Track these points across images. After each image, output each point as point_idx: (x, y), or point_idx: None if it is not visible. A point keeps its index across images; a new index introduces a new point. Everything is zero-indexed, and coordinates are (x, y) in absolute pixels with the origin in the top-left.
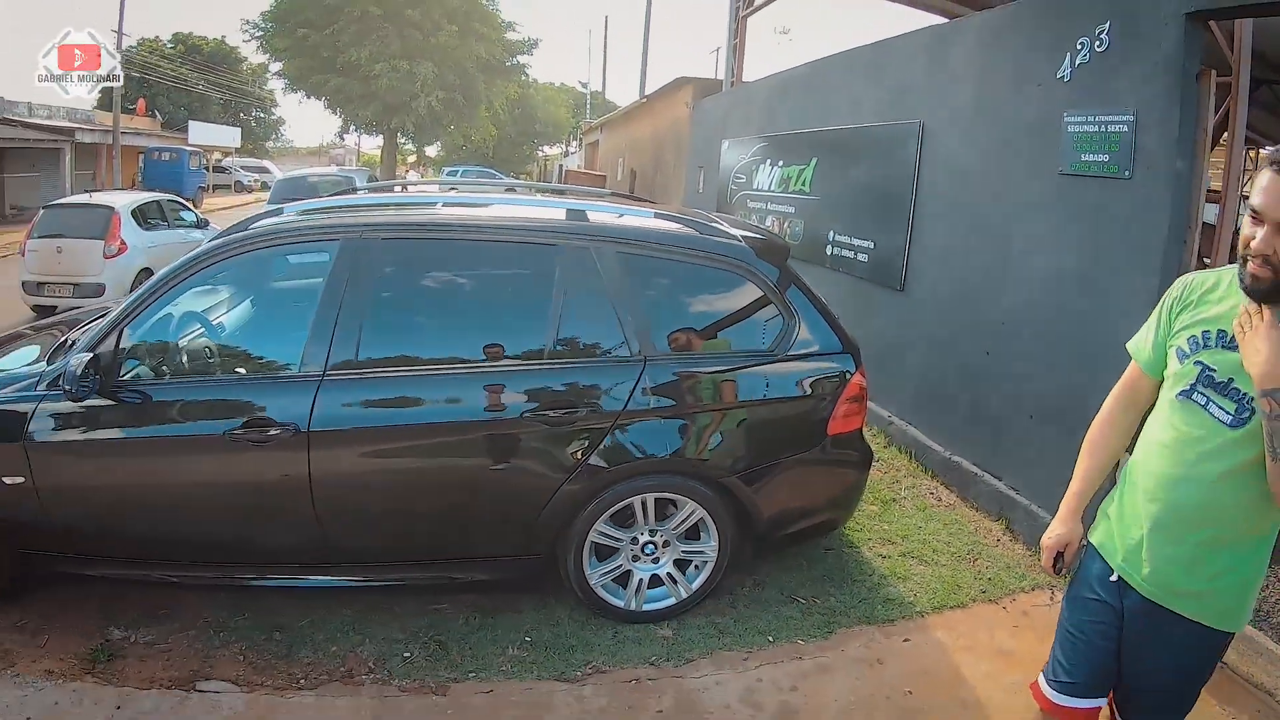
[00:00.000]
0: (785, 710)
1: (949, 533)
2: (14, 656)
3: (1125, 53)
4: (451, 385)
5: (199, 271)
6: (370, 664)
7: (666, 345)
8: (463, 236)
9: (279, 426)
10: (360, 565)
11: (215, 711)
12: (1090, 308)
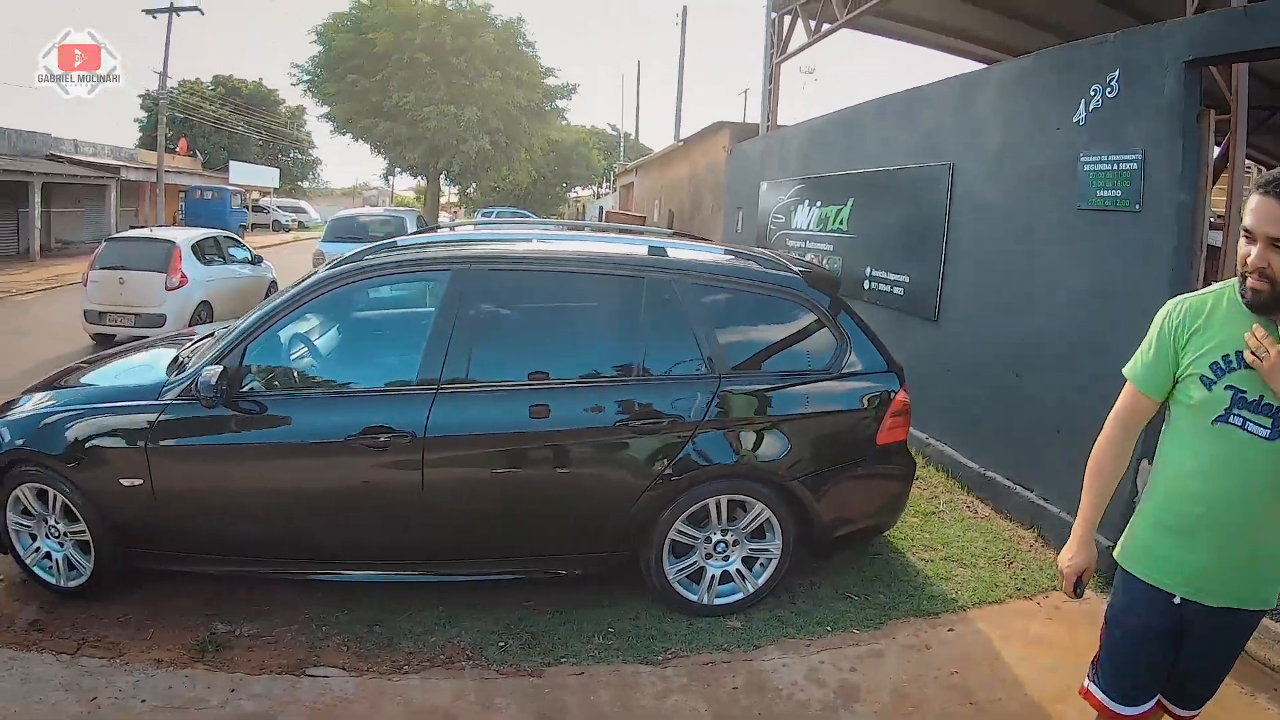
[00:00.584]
0: (846, 687)
1: (985, 540)
2: (122, 648)
3: (1132, 98)
4: (551, 398)
5: (320, 296)
6: (468, 652)
7: (737, 364)
8: (558, 268)
9: (397, 433)
10: (461, 561)
11: (327, 693)
12: (1108, 330)
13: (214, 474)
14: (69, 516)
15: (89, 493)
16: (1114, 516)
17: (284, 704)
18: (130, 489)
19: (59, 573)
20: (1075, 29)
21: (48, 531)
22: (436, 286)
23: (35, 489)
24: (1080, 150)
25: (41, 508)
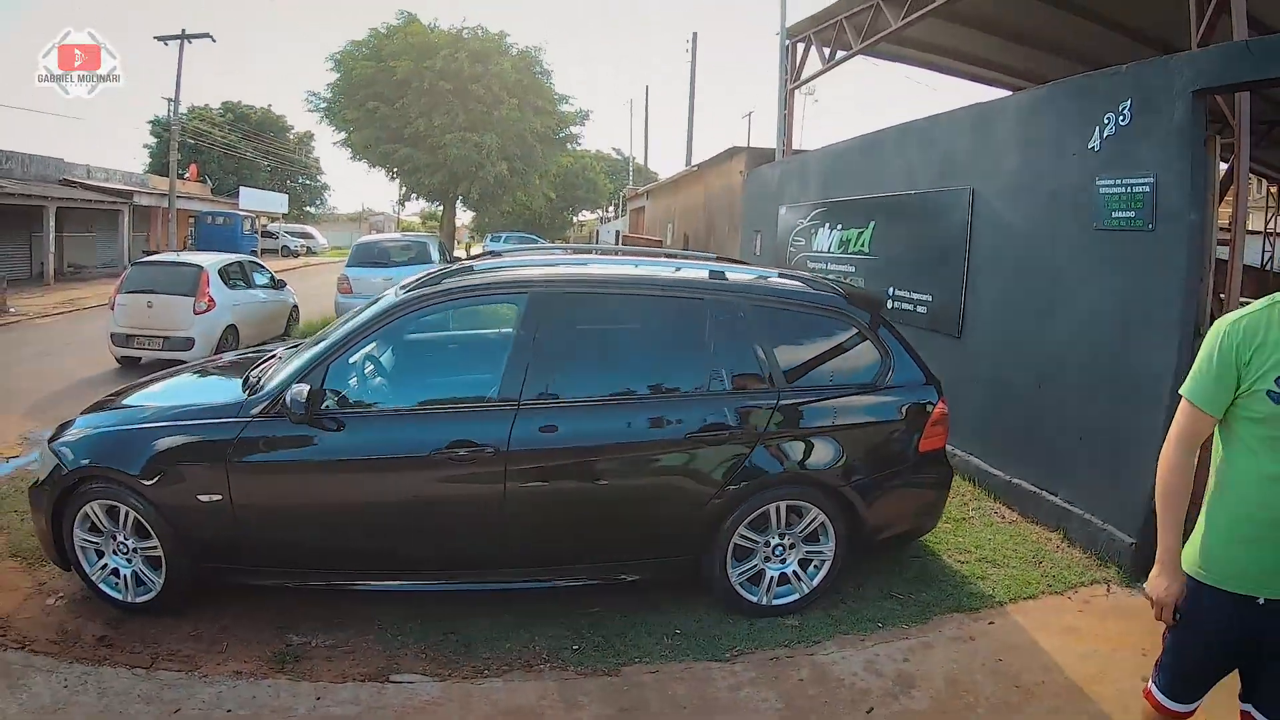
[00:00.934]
0: (902, 675)
1: (1015, 542)
2: (197, 661)
3: (1144, 125)
4: (626, 412)
5: (401, 317)
6: (544, 655)
7: (793, 379)
8: (628, 290)
9: (481, 448)
10: (539, 569)
11: (414, 698)
12: (1126, 341)
13: (296, 489)
14: (140, 533)
15: (164, 508)
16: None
17: (372, 709)
18: (208, 504)
19: (126, 589)
20: (1085, 53)
21: (115, 548)
22: (513, 309)
23: (105, 505)
24: (1096, 174)
25: (111, 524)
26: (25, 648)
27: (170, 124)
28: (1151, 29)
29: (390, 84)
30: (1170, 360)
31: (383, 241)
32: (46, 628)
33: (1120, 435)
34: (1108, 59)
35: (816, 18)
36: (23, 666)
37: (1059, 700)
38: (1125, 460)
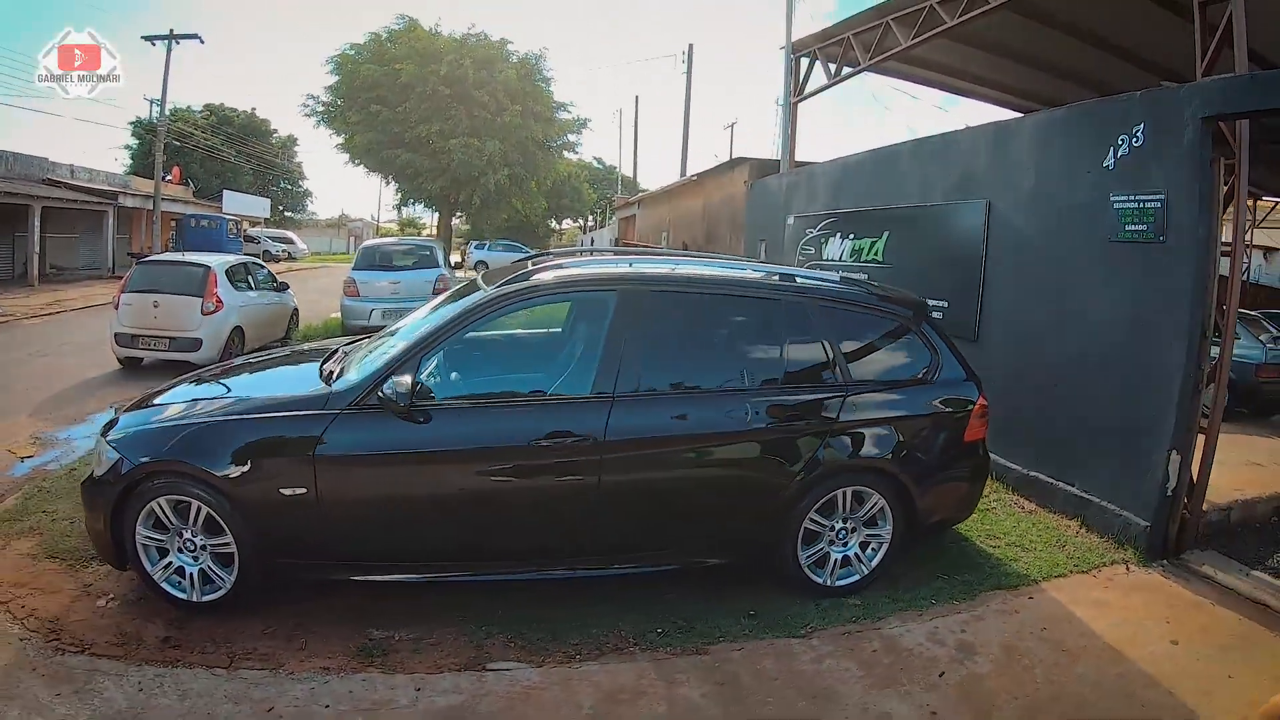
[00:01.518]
0: (962, 643)
1: (1038, 530)
2: (278, 658)
3: (1156, 147)
4: (711, 404)
5: (497, 312)
6: (631, 640)
7: (857, 374)
8: (709, 290)
9: (580, 437)
10: (628, 555)
11: (516, 684)
12: (1137, 343)
13: (388, 481)
14: (210, 529)
15: (242, 503)
16: (1148, 497)
17: (478, 696)
18: (292, 498)
19: (192, 588)
20: (1088, 76)
21: (181, 545)
22: (602, 305)
23: (174, 501)
24: (1110, 190)
25: (179, 521)
26: (85, 651)
27: (157, 125)
28: (1155, 56)
29: (394, 88)
30: (1180, 360)
31: (389, 245)
32: (103, 630)
33: (1134, 430)
34: (1113, 83)
35: (823, 34)
36: (87, 671)
37: (1101, 660)
38: (1139, 452)
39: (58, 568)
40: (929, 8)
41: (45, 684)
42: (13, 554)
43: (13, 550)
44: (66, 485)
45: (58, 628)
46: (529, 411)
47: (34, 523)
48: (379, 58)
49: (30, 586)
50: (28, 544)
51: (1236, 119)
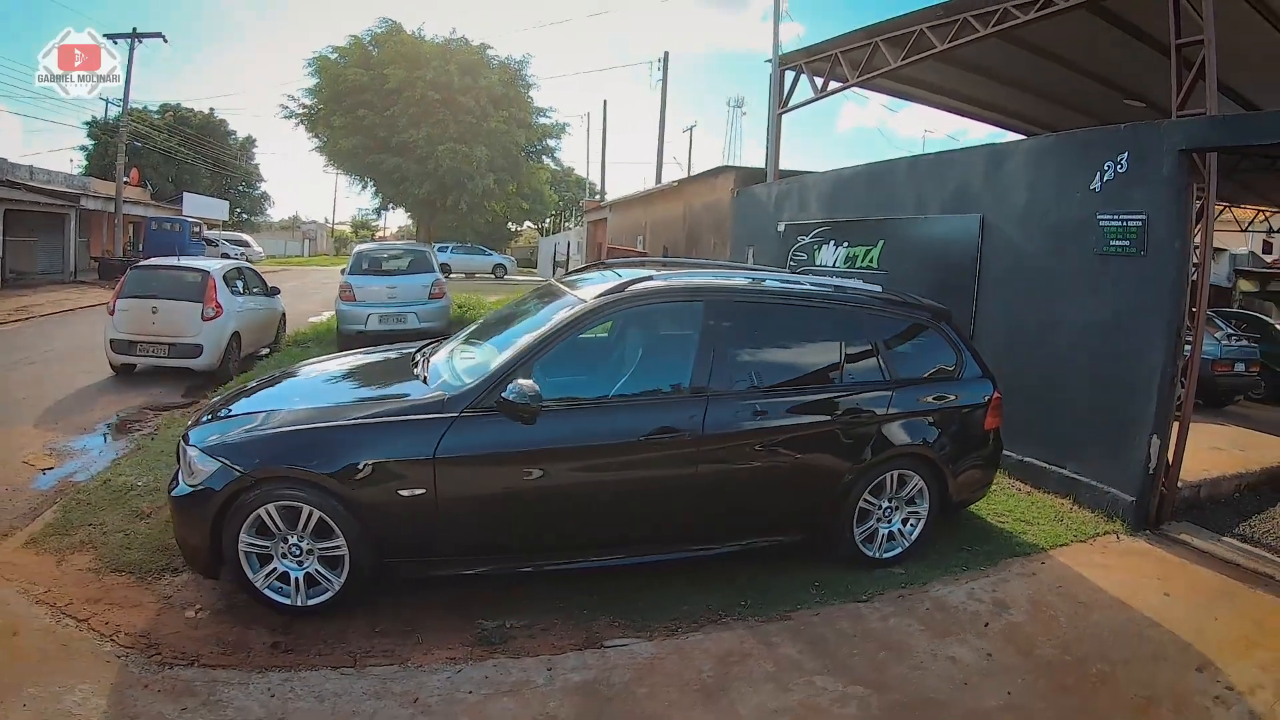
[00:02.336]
0: (997, 600)
1: (1037, 508)
2: (400, 654)
3: (1139, 173)
4: (789, 400)
5: (601, 319)
6: (720, 613)
7: (901, 371)
8: (778, 300)
9: (681, 433)
10: (715, 538)
11: (637, 656)
12: (1121, 343)
13: (500, 478)
14: (320, 533)
15: (359, 506)
16: (1133, 476)
17: (606, 670)
18: (410, 499)
19: (297, 592)
20: (1070, 99)
21: (286, 551)
22: (693, 314)
23: (283, 507)
24: (1097, 210)
25: (286, 527)
26: (194, 663)
27: (120, 126)
28: (1134, 85)
29: (380, 92)
30: (1160, 357)
31: (383, 250)
32: (203, 640)
33: (1119, 418)
34: (1094, 107)
35: (809, 50)
36: (207, 682)
37: (1110, 609)
38: (1124, 437)
39: (127, 581)
40: (919, 32)
41: (166, 699)
42: (73, 569)
43: (71, 565)
44: (106, 497)
45: (153, 642)
46: (636, 410)
47: (84, 536)
48: (363, 61)
49: (105, 602)
50: (85, 558)
51: (1208, 152)
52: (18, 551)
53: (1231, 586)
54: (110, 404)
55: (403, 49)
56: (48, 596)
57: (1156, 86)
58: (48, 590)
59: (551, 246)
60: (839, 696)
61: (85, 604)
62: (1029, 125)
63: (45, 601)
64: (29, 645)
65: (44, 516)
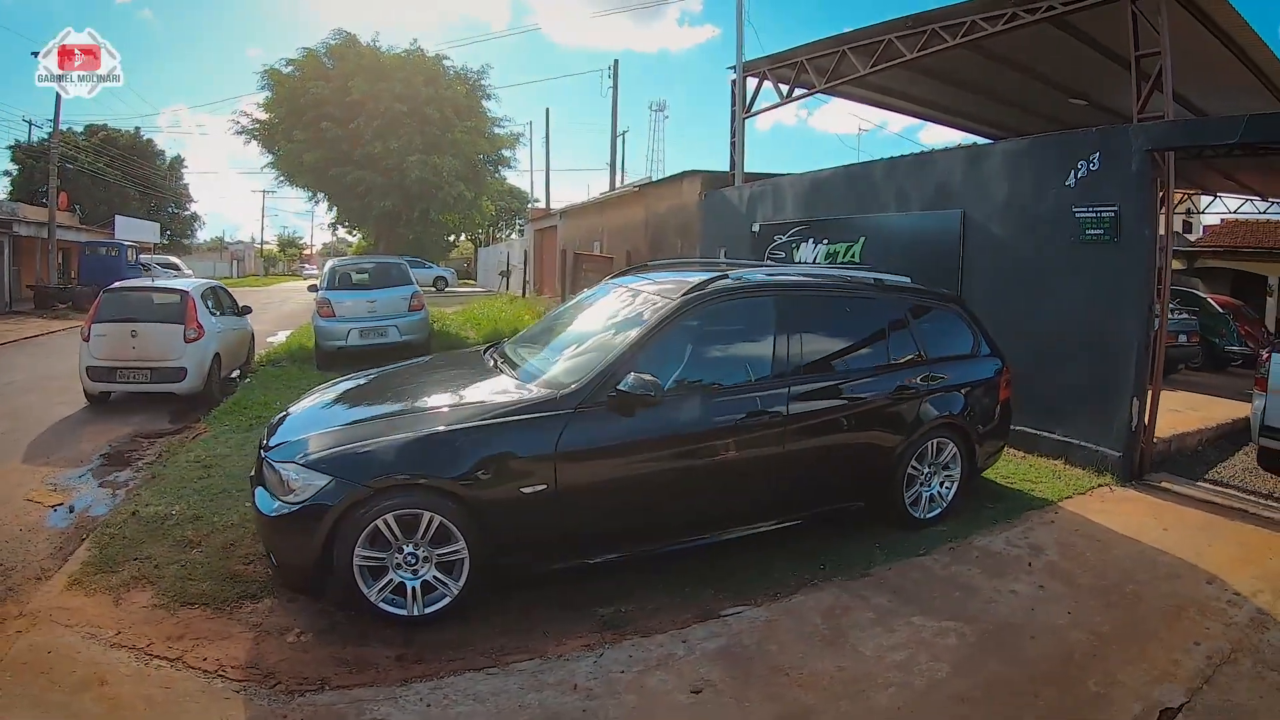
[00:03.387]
0: (1031, 545)
1: (1035, 469)
2: (534, 648)
3: (1110, 170)
4: (853, 383)
5: (687, 316)
6: (807, 577)
7: (933, 351)
8: (835, 291)
9: (773, 415)
10: (798, 509)
11: (754, 621)
12: (1100, 320)
13: (614, 468)
14: (439, 539)
15: (481, 507)
16: (1119, 435)
17: (734, 635)
18: (532, 495)
19: (413, 602)
20: (1034, 106)
21: (401, 561)
22: (766, 307)
23: (401, 516)
24: (1072, 204)
25: (404, 536)
26: (324, 688)
27: (50, 148)
28: (1076, 84)
29: (344, 105)
30: (1134, 330)
31: (358, 264)
32: (320, 663)
33: (1102, 385)
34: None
35: (774, 57)
36: (350, 703)
37: (1124, 544)
38: (1107, 401)
39: (204, 614)
40: (887, 41)
41: None
42: (136, 608)
43: (133, 604)
44: (141, 530)
45: (267, 672)
46: (732, 396)
47: (134, 572)
48: (322, 74)
49: (189, 638)
50: (146, 595)
51: (1168, 151)
52: (64, 595)
53: (1213, 520)
54: (96, 434)
55: (363, 61)
56: (122, 639)
57: (1097, 87)
58: (118, 633)
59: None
60: (938, 630)
61: (168, 642)
62: (981, 125)
63: (122, 645)
64: (128, 694)
65: (76, 555)
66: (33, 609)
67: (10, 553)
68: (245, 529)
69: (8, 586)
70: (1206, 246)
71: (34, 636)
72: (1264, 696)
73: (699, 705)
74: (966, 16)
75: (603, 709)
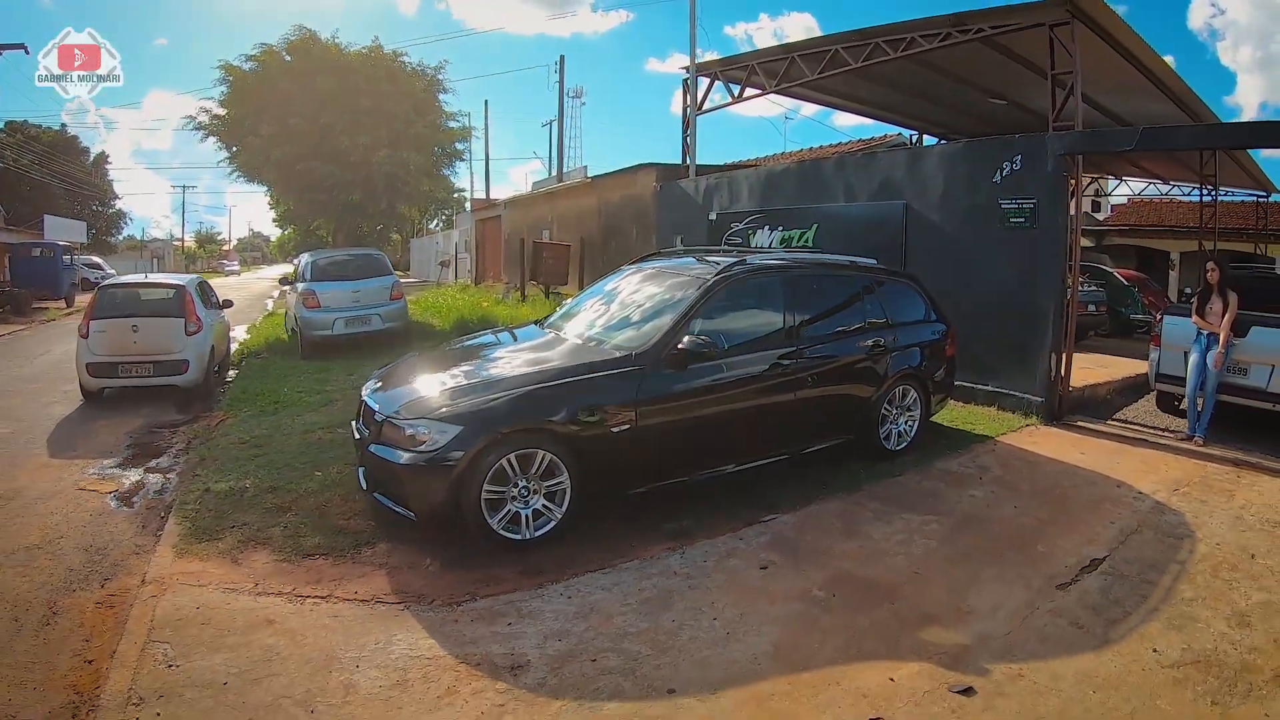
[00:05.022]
0: (979, 466)
1: (975, 415)
2: (630, 554)
3: (1030, 170)
4: (840, 341)
5: (721, 291)
6: (816, 494)
7: (895, 317)
8: (824, 271)
9: (785, 367)
10: (805, 442)
11: (787, 523)
12: (1023, 291)
13: (677, 411)
14: (548, 474)
15: (580, 444)
16: (1041, 384)
17: (777, 531)
18: (618, 434)
19: (526, 527)
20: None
21: (515, 494)
22: (774, 284)
23: (520, 455)
24: (998, 197)
25: (521, 471)
26: (475, 598)
27: None
28: (997, 87)
29: (313, 100)
30: (1051, 299)
31: (339, 257)
32: (460, 583)
33: (1025, 345)
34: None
35: (725, 60)
36: (505, 604)
37: (1051, 464)
38: (1030, 357)
39: (329, 562)
40: (834, 50)
41: (484, 623)
42: (259, 564)
43: (254, 562)
44: (223, 503)
45: (416, 594)
46: (758, 352)
47: (239, 537)
48: (286, 70)
49: (327, 580)
50: (262, 554)
51: (1077, 154)
52: (179, 562)
53: (1120, 447)
54: (110, 428)
55: (327, 57)
56: (262, 589)
57: (1016, 90)
58: (255, 584)
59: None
60: (922, 521)
61: (310, 586)
62: (914, 121)
63: (265, 593)
64: (300, 626)
65: (167, 530)
66: (154, 576)
67: (94, 535)
68: (330, 493)
69: (112, 562)
70: (1113, 225)
71: (172, 598)
72: (1161, 551)
73: (769, 575)
74: (907, 33)
75: (702, 583)
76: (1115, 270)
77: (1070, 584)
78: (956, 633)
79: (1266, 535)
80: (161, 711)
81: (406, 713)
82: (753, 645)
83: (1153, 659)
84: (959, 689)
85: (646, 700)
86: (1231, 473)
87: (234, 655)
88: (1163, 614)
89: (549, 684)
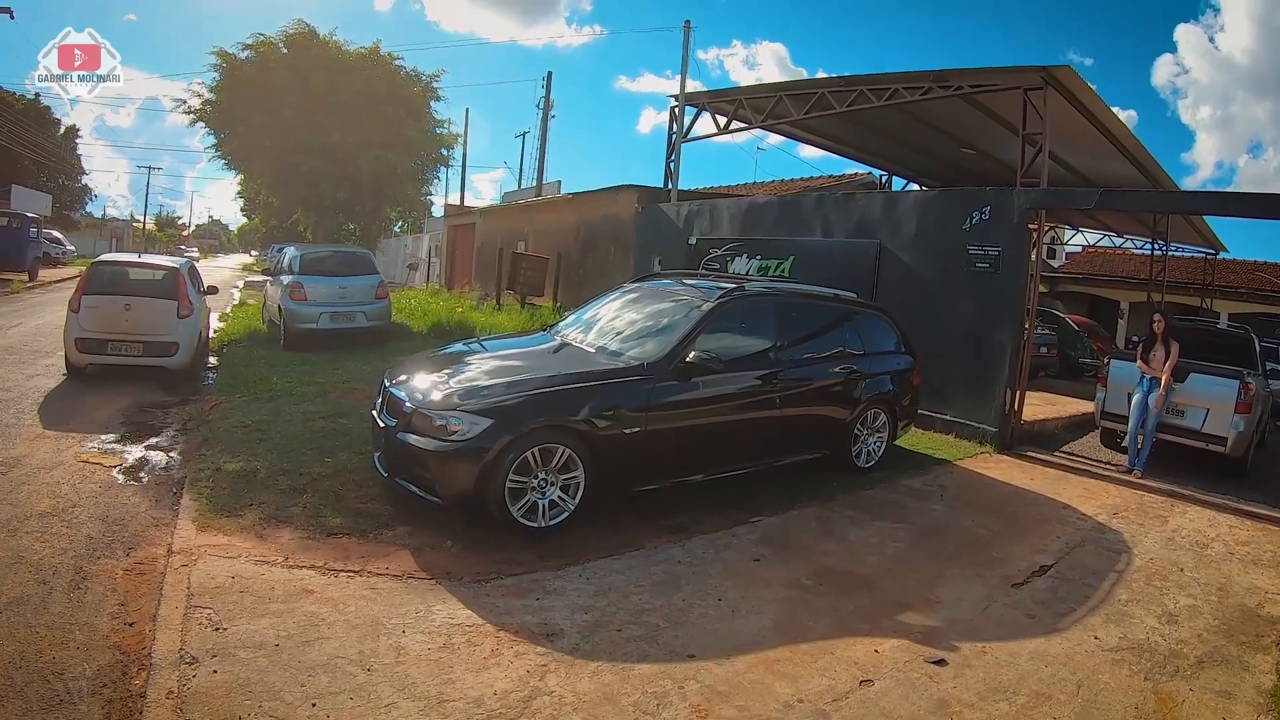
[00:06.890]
0: (939, 485)
1: (934, 442)
2: (636, 543)
3: (996, 220)
4: (819, 364)
5: (723, 312)
6: (796, 501)
7: (869, 345)
8: (809, 300)
9: (773, 384)
10: (784, 455)
11: (773, 523)
12: (983, 329)
13: (681, 418)
14: (565, 468)
15: (596, 443)
16: (995, 416)
17: (765, 530)
18: (630, 435)
19: (541, 516)
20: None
21: (535, 485)
22: (767, 308)
23: (543, 449)
24: (967, 243)
25: (542, 464)
26: (501, 576)
27: None
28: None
29: (307, 94)
30: (1009, 340)
31: (327, 253)
32: (483, 563)
33: (982, 379)
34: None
35: (714, 93)
36: (531, 581)
37: (1003, 487)
38: (986, 390)
39: (354, 541)
40: (820, 94)
41: (513, 597)
42: (284, 540)
43: (279, 538)
44: (237, 483)
45: (445, 571)
46: (750, 371)
47: (260, 514)
48: (284, 62)
49: (355, 557)
50: (286, 531)
51: (1039, 209)
52: (203, 535)
53: (1066, 476)
54: (100, 405)
55: (326, 54)
56: (293, 563)
57: (986, 141)
58: (286, 558)
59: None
60: (892, 528)
61: (341, 561)
62: (887, 163)
63: (298, 566)
64: (340, 596)
65: (183, 505)
66: (180, 547)
67: (108, 506)
68: (343, 478)
69: (132, 532)
70: (1068, 273)
71: (205, 567)
72: (1102, 562)
73: (762, 565)
74: (891, 84)
75: (703, 570)
76: (1067, 316)
77: (1023, 584)
78: (927, 617)
79: (1195, 554)
80: (218, 669)
81: (458, 672)
82: (755, 621)
83: (1095, 644)
84: (933, 660)
85: (671, 663)
86: (1166, 502)
87: (280, 620)
88: (1103, 610)
89: (583, 648)
